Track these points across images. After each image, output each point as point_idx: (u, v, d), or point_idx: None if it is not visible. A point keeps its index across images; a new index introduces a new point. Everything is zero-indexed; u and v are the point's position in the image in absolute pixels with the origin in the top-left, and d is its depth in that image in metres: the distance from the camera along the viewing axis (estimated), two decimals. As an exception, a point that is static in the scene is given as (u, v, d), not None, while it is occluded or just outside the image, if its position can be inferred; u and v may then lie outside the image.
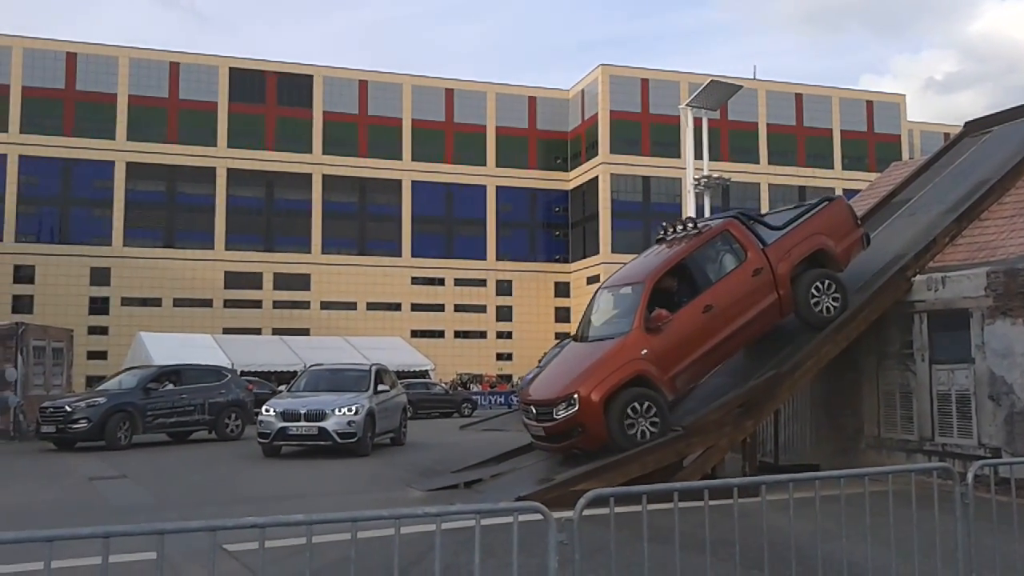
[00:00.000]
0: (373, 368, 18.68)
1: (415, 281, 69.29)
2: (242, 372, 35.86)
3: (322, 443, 16.12)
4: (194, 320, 59.68)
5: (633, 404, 10.26)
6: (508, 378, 63.54)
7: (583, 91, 73.41)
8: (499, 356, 69.40)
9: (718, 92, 31.10)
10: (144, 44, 74.69)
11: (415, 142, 70.57)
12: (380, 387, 17.91)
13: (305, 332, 59.03)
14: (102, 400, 18.24)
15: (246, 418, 21.20)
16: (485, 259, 71.50)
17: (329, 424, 16.06)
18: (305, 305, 66.38)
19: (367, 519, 4.27)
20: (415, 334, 63.87)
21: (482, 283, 71.08)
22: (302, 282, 66.74)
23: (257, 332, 58.66)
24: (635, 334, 10.57)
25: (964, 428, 11.31)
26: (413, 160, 70.40)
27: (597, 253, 69.01)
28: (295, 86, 68.38)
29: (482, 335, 70.15)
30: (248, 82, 67.34)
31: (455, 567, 6.55)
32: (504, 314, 71.12)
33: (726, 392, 11.05)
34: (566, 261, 73.74)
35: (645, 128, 70.41)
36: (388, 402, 18.16)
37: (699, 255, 11.30)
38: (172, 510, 10.27)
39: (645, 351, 10.46)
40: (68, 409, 17.88)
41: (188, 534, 4.04)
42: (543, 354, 31.32)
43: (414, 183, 70.27)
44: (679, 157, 56.63)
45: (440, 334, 68.45)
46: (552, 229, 74.49)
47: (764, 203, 72.34)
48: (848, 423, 13.03)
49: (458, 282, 70.37)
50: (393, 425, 18.53)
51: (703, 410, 10.73)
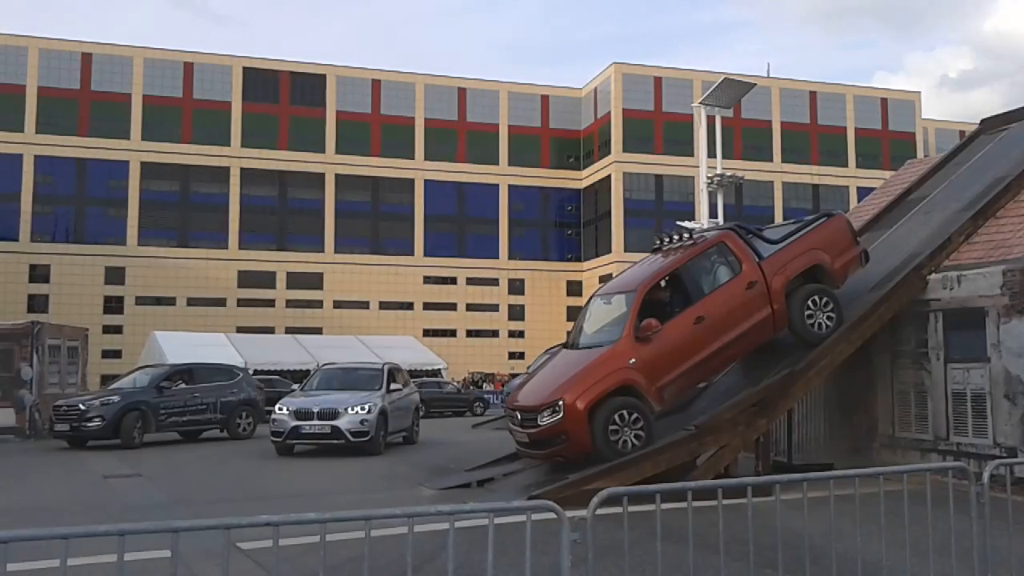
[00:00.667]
0: (386, 367, 18.71)
1: (427, 280, 69.37)
2: (255, 371, 36.01)
3: (335, 442, 16.16)
4: (208, 319, 59.95)
5: (619, 413, 10.15)
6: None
7: (596, 89, 73.31)
8: (511, 355, 69.36)
9: (731, 90, 30.98)
10: (158, 44, 74.95)
11: (427, 141, 70.65)
12: (393, 386, 17.94)
13: (318, 331, 59.17)
14: (116, 399, 18.25)
15: (258, 417, 21.28)
16: (497, 258, 71.51)
17: (342, 423, 16.10)
18: (318, 304, 66.57)
19: (381, 517, 4.28)
20: (427, 333, 63.96)
21: (494, 282, 71.09)
22: (315, 281, 66.94)
23: (270, 331, 58.84)
24: (624, 343, 10.49)
25: (979, 427, 11.24)
26: (425, 159, 70.48)
27: (609, 252, 68.90)
28: (308, 86, 68.56)
29: (494, 334, 70.17)
30: (261, 82, 67.57)
31: (467, 565, 6.55)
32: (516, 313, 71.13)
33: (739, 391, 11.02)
34: (578, 260, 73.67)
35: (658, 126, 70.25)
36: (400, 401, 18.19)
37: (693, 266, 11.19)
38: (186, 508, 10.31)
39: (633, 360, 10.35)
40: (82, 407, 17.86)
41: (202, 532, 4.05)
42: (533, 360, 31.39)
43: (426, 182, 70.35)
44: (692, 155, 56.39)
45: (452, 333, 68.52)
46: (564, 228, 74.43)
47: (777, 201, 72.11)
48: (862, 422, 12.97)
49: (470, 281, 70.40)
50: (405, 424, 18.56)
51: (716, 409, 10.70)
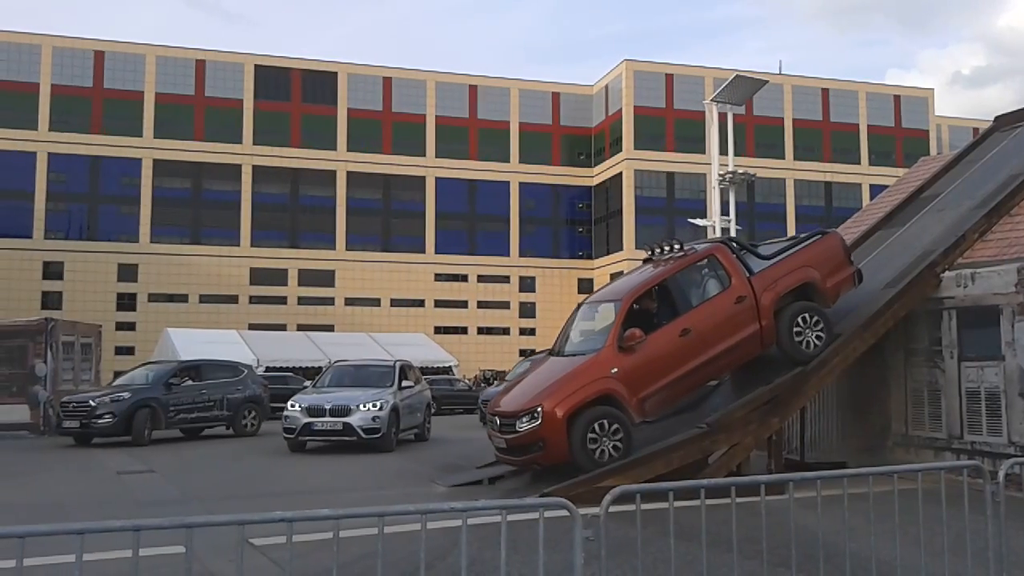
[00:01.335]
0: (397, 364, 18.74)
1: (438, 277, 69.44)
2: (267, 368, 36.20)
3: (347, 438, 16.19)
4: (220, 316, 60.21)
5: (599, 423, 10.06)
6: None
7: (607, 86, 73.18)
8: (522, 352, 69.25)
9: (743, 87, 30.86)
10: (171, 42, 75.22)
11: (439, 138, 70.68)
12: (404, 383, 17.97)
13: (330, 328, 59.30)
14: (127, 395, 18.15)
15: (262, 414, 21.22)
16: (508, 255, 71.51)
17: (354, 420, 16.13)
18: (329, 301, 66.73)
19: (394, 514, 4.29)
20: (438, 330, 64.04)
21: (505, 279, 71.10)
22: (327, 278, 67.09)
23: (282, 328, 59.00)
24: (606, 352, 10.42)
25: (994, 426, 11.18)
26: (437, 156, 70.52)
27: (621, 249, 68.80)
28: (320, 83, 68.69)
29: (505, 331, 70.19)
30: (273, 79, 67.73)
31: (479, 562, 6.56)
32: (527, 310, 71.13)
33: (752, 389, 10.98)
34: (589, 257, 73.59)
35: (669, 123, 70.08)
36: (412, 398, 18.21)
37: (682, 277, 11.10)
38: (199, 504, 10.36)
39: (616, 370, 10.27)
40: (92, 404, 17.75)
41: (215, 528, 4.07)
42: (510, 369, 31.46)
43: (438, 179, 70.39)
44: (704, 153, 56.29)
45: (463, 330, 68.57)
46: (575, 225, 74.36)
47: (789, 199, 71.83)
48: (875, 420, 12.92)
49: (481, 278, 70.43)
50: (417, 421, 18.59)
51: (728, 407, 10.66)
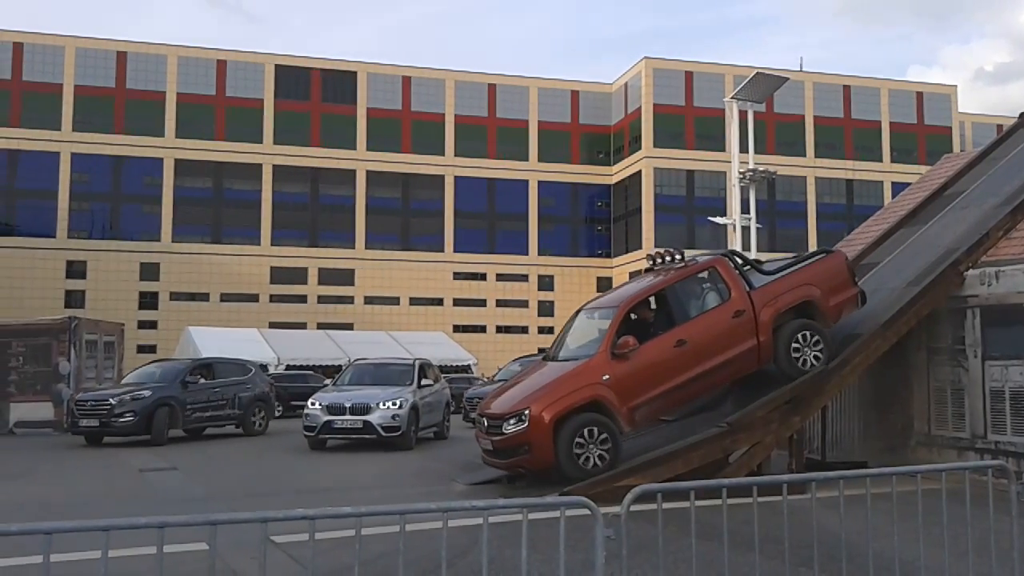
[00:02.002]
0: (417, 363, 18.80)
1: (457, 276, 69.55)
2: (288, 366, 36.45)
3: (367, 436, 16.25)
4: (240, 315, 60.57)
5: (587, 429, 9.95)
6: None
7: (626, 84, 72.99)
8: (540, 351, 69.28)
9: (764, 84, 30.66)
10: (192, 43, 75.72)
11: (458, 137, 70.78)
12: (424, 381, 18.02)
13: (349, 327, 59.54)
14: (147, 393, 17.86)
15: (270, 413, 21.16)
16: (527, 254, 71.51)
17: (374, 418, 16.18)
18: (349, 300, 66.99)
19: (416, 512, 4.30)
20: (457, 329, 64.12)
21: (524, 278, 71.10)
22: (346, 277, 67.35)
23: (302, 327, 59.31)
24: (599, 358, 10.32)
25: (1018, 425, 11.07)
26: (456, 155, 70.62)
27: (640, 248, 68.58)
28: (339, 83, 68.95)
29: (524, 330, 70.18)
30: (293, 79, 68.06)
31: (499, 560, 6.56)
32: (546, 309, 71.09)
33: (773, 388, 10.92)
34: (608, 256, 73.44)
35: (689, 121, 69.82)
36: (431, 396, 18.26)
37: (681, 288, 10.99)
38: (221, 502, 10.43)
39: (607, 377, 10.16)
40: (112, 402, 17.39)
41: (237, 525, 4.10)
42: (498, 368, 31.35)
43: (457, 178, 70.50)
44: (724, 151, 56.11)
45: (482, 329, 68.63)
46: (594, 224, 74.24)
47: (811, 196, 71.38)
48: (897, 420, 12.82)
49: (500, 277, 70.48)
50: (436, 419, 18.62)
51: (749, 406, 10.61)
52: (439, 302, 68.67)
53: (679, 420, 11.45)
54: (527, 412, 10.06)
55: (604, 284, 71.02)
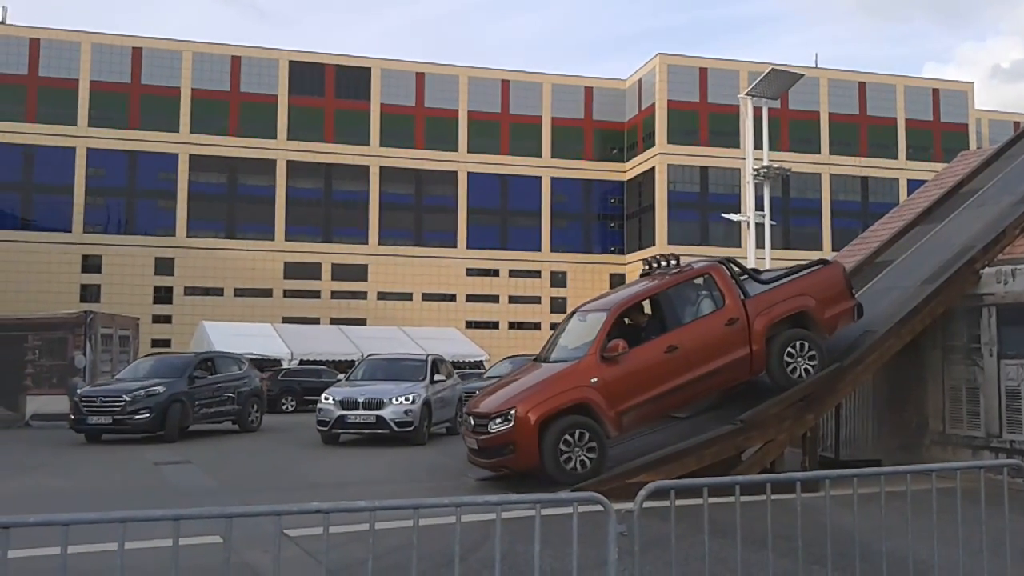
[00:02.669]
0: (430, 358, 18.84)
1: (470, 272, 69.59)
2: (301, 360, 36.61)
3: (379, 431, 16.31)
4: (254, 309, 60.81)
5: (574, 431, 9.88)
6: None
7: (640, 81, 72.81)
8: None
9: (778, 81, 30.59)
10: (206, 39, 76.00)
11: (471, 133, 70.80)
12: (436, 377, 18.06)
13: (362, 322, 59.70)
14: (161, 389, 17.39)
15: (263, 408, 20.96)
16: (540, 250, 71.48)
17: (387, 413, 16.24)
18: (362, 295, 67.15)
19: (429, 506, 4.32)
20: (470, 325, 64.18)
21: (536, 274, 71.09)
22: (359, 273, 67.51)
23: (315, 322, 59.54)
24: (588, 360, 10.25)
25: (1034, 425, 11.00)
26: (469, 151, 70.63)
27: (653, 245, 68.44)
28: (353, 79, 69.06)
29: (536, 327, 70.13)
30: (307, 75, 68.20)
31: (511, 555, 6.58)
32: (558, 306, 71.00)
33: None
34: (621, 253, 73.33)
35: (703, 118, 69.59)
36: (444, 392, 18.30)
37: (674, 293, 10.89)
38: (235, 495, 10.49)
39: (595, 380, 10.08)
40: (127, 399, 16.89)
41: (250, 519, 4.13)
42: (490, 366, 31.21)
43: (470, 174, 70.53)
44: (738, 147, 55.84)
45: (495, 325, 68.67)
46: (607, 220, 74.12)
47: (825, 193, 71.04)
48: (912, 418, 12.77)
49: (513, 273, 70.48)
50: (449, 415, 18.66)
51: (763, 403, 10.59)
52: (452, 298, 68.76)
53: (691, 417, 11.44)
54: (513, 412, 10.01)
55: (617, 281, 70.94)
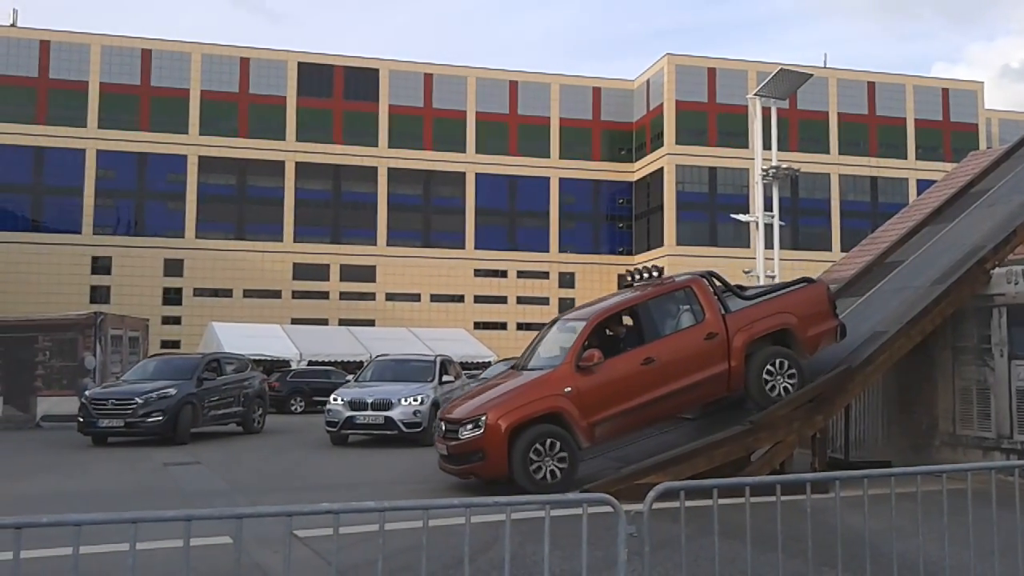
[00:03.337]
0: (438, 359, 18.87)
1: (478, 273, 69.63)
2: (310, 361, 36.69)
3: (388, 432, 16.33)
4: (263, 310, 60.96)
5: (544, 441, 9.82)
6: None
7: (648, 81, 72.75)
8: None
9: (787, 81, 30.52)
10: (216, 41, 76.24)
11: (479, 134, 70.84)
12: (445, 378, 18.10)
13: (371, 323, 59.81)
14: (173, 391, 17.18)
15: (266, 410, 20.92)
16: (548, 251, 71.47)
17: (395, 413, 16.26)
18: (371, 296, 67.25)
19: (439, 507, 4.33)
20: (478, 326, 64.21)
21: (545, 275, 71.08)
22: (368, 274, 67.61)
23: (324, 323, 59.67)
24: (562, 370, 10.20)
25: (1045, 426, 10.94)
26: (477, 152, 70.68)
27: (661, 245, 68.40)
28: (362, 80, 69.18)
29: (545, 327, 70.13)
30: (316, 76, 68.35)
31: (520, 556, 6.58)
32: (567, 306, 70.90)
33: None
34: (630, 253, 73.24)
35: (712, 118, 69.48)
36: (452, 393, 18.26)
37: (654, 305, 10.82)
38: (244, 496, 10.51)
39: (569, 389, 10.02)
40: (139, 401, 16.66)
41: (259, 519, 4.14)
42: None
43: (478, 175, 70.57)
44: (747, 147, 55.73)
45: (503, 326, 68.67)
46: (616, 221, 74.06)
47: (834, 194, 70.85)
48: (922, 419, 12.71)
49: (521, 274, 70.49)
50: (458, 416, 18.62)
51: (772, 404, 10.56)
52: (460, 299, 68.80)
53: (699, 418, 11.41)
54: (484, 418, 9.97)
55: (626, 282, 70.72)
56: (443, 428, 10.73)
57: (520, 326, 69.45)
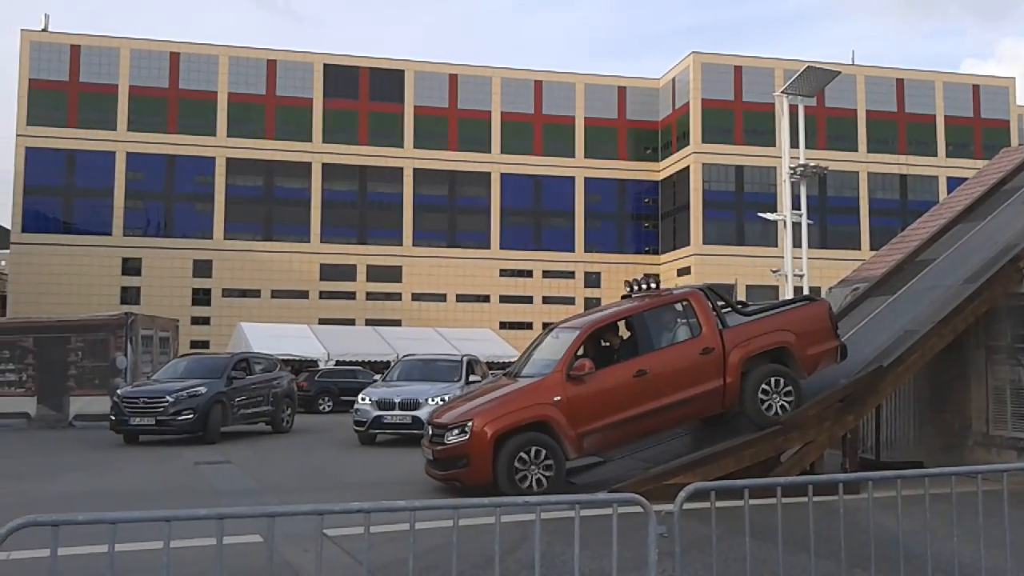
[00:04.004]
0: (465, 359, 18.91)
1: (503, 273, 69.67)
2: (337, 361, 36.87)
3: (416, 432, 16.33)
4: (291, 311, 61.39)
5: (530, 449, 9.72)
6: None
7: (674, 79, 72.43)
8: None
9: (815, 78, 30.27)
10: (243, 43, 76.93)
11: (504, 134, 70.88)
12: (472, 377, 18.10)
13: (397, 323, 60.03)
14: (203, 390, 17.34)
15: (295, 409, 21.00)
16: (573, 251, 71.37)
17: (423, 413, 16.22)
18: (397, 297, 67.51)
19: (469, 507, 4.33)
20: (503, 326, 64.24)
21: (570, 275, 70.98)
22: (394, 274, 67.87)
23: (351, 323, 59.94)
24: (553, 378, 10.06)
25: (1081, 427, 10.78)
26: (502, 152, 70.73)
27: (688, 245, 68.08)
28: (387, 81, 69.45)
29: (571, 327, 70.01)
30: (342, 78, 68.71)
31: (548, 556, 6.56)
32: (592, 306, 70.82)
33: (826, 387, 10.77)
34: (656, 253, 72.97)
35: (738, 116, 69.04)
36: (479, 393, 18.31)
37: (649, 317, 10.63)
38: (275, 495, 10.58)
39: (559, 398, 9.89)
40: (170, 399, 16.83)
41: (289, 518, 4.17)
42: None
43: (503, 175, 70.61)
44: (774, 146, 55.29)
45: (528, 326, 68.59)
46: (641, 220, 73.80)
47: (863, 192, 70.17)
48: (954, 420, 12.56)
49: (546, 274, 70.45)
50: (484, 415, 18.63)
51: (802, 404, 10.48)
52: (486, 299, 68.88)
53: (729, 420, 11.34)
54: (470, 424, 9.88)
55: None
56: (430, 432, 10.59)
57: (546, 326, 69.12)
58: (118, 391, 18.18)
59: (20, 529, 3.63)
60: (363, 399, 16.97)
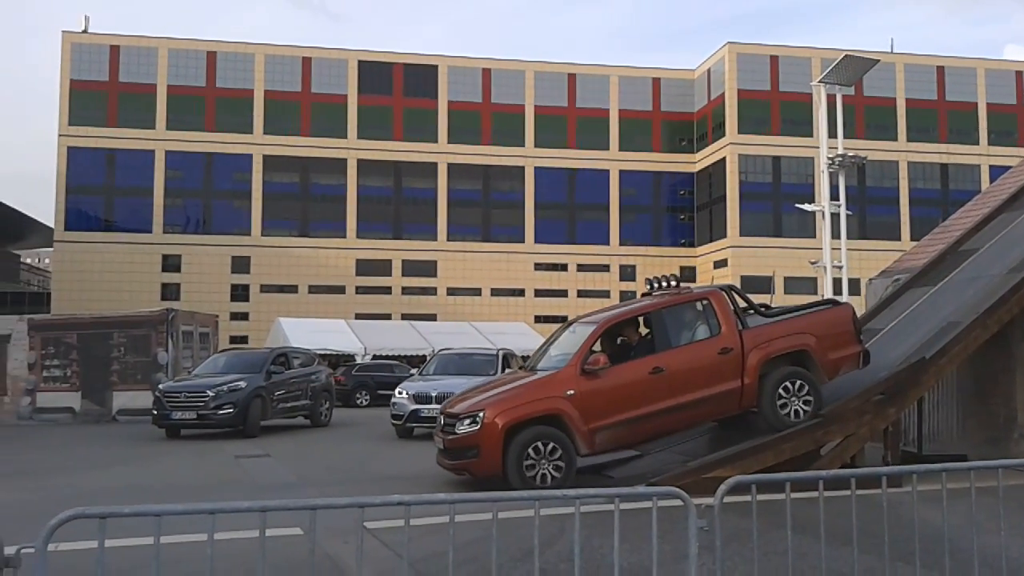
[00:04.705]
0: (500, 352, 18.94)
1: (538, 267, 69.66)
2: (374, 355, 37.14)
3: (452, 426, 16.41)
4: (328, 306, 61.91)
5: (545, 443, 9.65)
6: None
7: (709, 70, 71.82)
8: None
9: (853, 67, 29.89)
10: (278, 41, 77.58)
11: (538, 128, 70.81)
12: (507, 371, 18.10)
13: (432, 317, 60.27)
14: (243, 384, 17.50)
15: (333, 403, 21.09)
16: (608, 244, 71.13)
17: (459, 407, 16.34)
18: (432, 291, 67.81)
19: (508, 500, 4.35)
20: (538, 319, 64.24)
21: (605, 268, 70.77)
22: (429, 269, 68.18)
23: (387, 317, 60.31)
24: (567, 371, 9.98)
25: None
26: (536, 146, 70.67)
27: (724, 237, 67.56)
28: (421, 77, 69.68)
29: (606, 320, 69.82)
30: (376, 75, 69.06)
31: (587, 550, 6.55)
32: (627, 299, 70.59)
33: (868, 379, 10.64)
34: (692, 245, 72.50)
35: (775, 106, 68.31)
36: (516, 386, 18.32)
37: (668, 314, 10.49)
38: (314, 488, 10.69)
39: (572, 392, 9.80)
40: (211, 394, 17.01)
41: (329, 510, 4.20)
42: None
43: (537, 169, 70.56)
44: (811, 136, 54.69)
45: (563, 320, 68.14)
46: (677, 213, 73.35)
47: (903, 182, 69.13)
48: (999, 412, 12.33)
49: (581, 268, 70.32)
50: (521, 409, 18.65)
51: (843, 397, 10.37)
52: (520, 293, 68.93)
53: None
54: (481, 415, 9.86)
55: (688, 274, 70.18)
56: (442, 422, 10.61)
57: (581, 319, 69.24)
58: (160, 386, 18.44)
59: (68, 521, 3.70)
60: (400, 393, 17.06)
